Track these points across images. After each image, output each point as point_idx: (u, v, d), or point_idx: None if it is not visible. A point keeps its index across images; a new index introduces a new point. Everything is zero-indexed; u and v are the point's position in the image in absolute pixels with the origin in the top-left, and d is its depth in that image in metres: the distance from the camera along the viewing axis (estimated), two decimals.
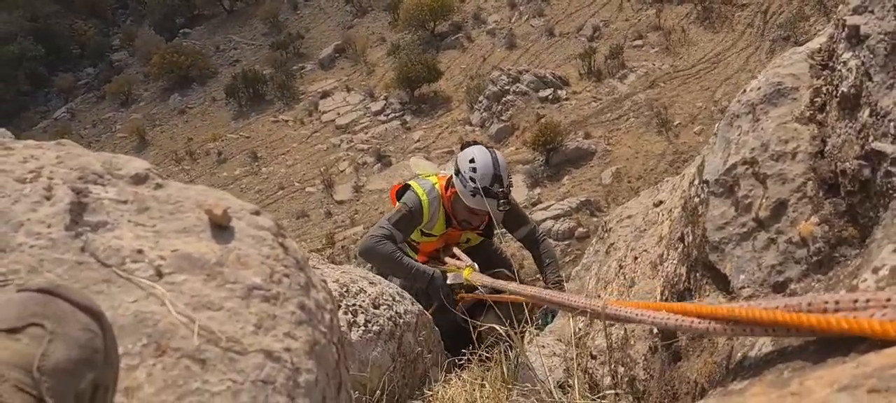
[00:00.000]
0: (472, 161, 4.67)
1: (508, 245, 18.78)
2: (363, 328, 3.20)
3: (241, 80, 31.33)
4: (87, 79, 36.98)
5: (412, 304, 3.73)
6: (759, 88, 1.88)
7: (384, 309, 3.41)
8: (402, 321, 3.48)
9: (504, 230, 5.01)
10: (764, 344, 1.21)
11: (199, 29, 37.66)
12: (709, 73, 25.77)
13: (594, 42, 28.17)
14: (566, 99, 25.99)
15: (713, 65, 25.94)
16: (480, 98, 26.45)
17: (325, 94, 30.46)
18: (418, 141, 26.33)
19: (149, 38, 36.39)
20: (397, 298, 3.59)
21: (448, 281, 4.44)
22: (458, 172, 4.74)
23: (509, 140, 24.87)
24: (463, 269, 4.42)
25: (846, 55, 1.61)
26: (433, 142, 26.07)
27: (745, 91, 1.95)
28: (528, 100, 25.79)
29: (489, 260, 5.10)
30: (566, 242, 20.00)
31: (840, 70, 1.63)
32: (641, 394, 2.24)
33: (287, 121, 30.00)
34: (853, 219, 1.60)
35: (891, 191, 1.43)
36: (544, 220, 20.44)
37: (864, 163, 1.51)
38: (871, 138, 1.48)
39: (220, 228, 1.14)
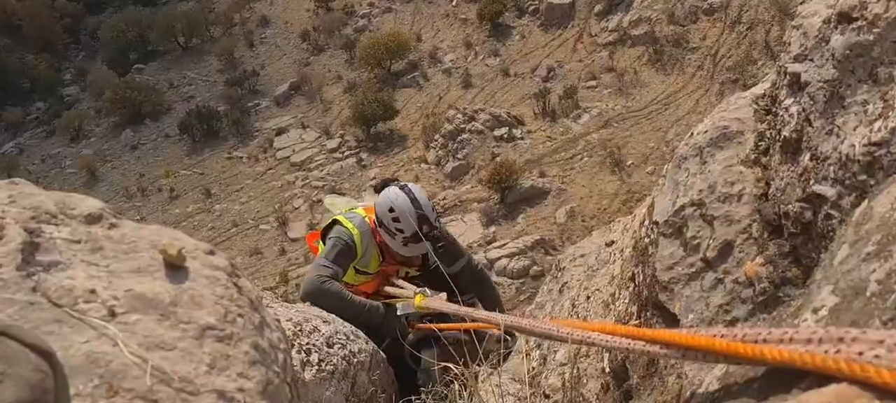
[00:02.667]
0: (391, 210, 4.39)
1: None
2: (316, 367, 3.16)
3: (195, 117, 31.00)
4: (36, 113, 36.24)
5: (366, 343, 3.69)
6: (706, 132, 1.93)
7: (338, 348, 3.37)
8: (355, 360, 3.44)
9: (436, 262, 4.69)
10: (710, 383, 1.24)
11: (154, 65, 37.24)
12: (660, 114, 26.30)
13: (549, 82, 28.59)
14: (521, 138, 26.27)
15: (665, 106, 26.48)
16: (436, 136, 26.60)
17: (280, 131, 30.29)
18: (374, 178, 26.27)
19: (101, 74, 35.86)
20: (351, 337, 3.56)
21: (399, 313, 4.21)
22: (381, 223, 4.48)
23: (465, 178, 24.99)
24: (413, 297, 4.18)
25: (788, 101, 1.66)
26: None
27: (692, 134, 2.00)
28: (484, 138, 26.00)
29: (440, 284, 4.82)
30: (520, 280, 20.09)
31: (782, 115, 1.68)
32: None
33: (241, 157, 29.74)
34: (796, 260, 1.64)
35: (831, 233, 1.48)
36: (499, 258, 20.52)
37: (805, 206, 1.55)
38: (812, 181, 1.53)
39: (175, 268, 1.14)
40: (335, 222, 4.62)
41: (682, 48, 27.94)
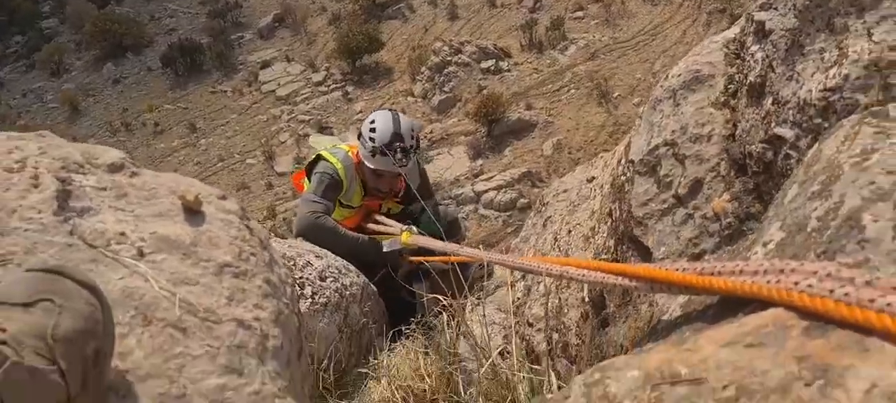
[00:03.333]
0: (372, 122, 4.64)
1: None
2: (310, 300, 3.30)
3: (178, 50, 30.58)
4: (15, 47, 35.68)
5: (357, 276, 3.84)
6: (679, 75, 2.04)
7: (330, 282, 3.52)
8: (347, 293, 3.59)
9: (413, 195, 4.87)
10: (674, 310, 1.37)
11: None
12: (647, 45, 26.21)
13: (535, 13, 28.35)
14: (508, 70, 26.14)
15: (652, 37, 26.38)
16: (422, 69, 26.42)
17: (264, 65, 29.99)
18: (360, 112, 26.20)
19: (81, 6, 35.20)
20: (343, 271, 3.70)
21: (385, 249, 4.37)
22: (360, 135, 4.70)
23: (451, 111, 24.95)
24: (399, 234, 4.36)
25: (754, 48, 1.77)
26: None
27: (667, 77, 2.10)
28: (470, 71, 25.86)
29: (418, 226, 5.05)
30: (508, 213, 20.25)
31: (749, 61, 1.79)
32: (574, 358, 2.41)
33: (226, 91, 29.48)
34: (759, 197, 1.77)
35: (789, 172, 1.60)
36: (487, 191, 20.64)
37: (767, 147, 1.67)
38: (773, 124, 1.65)
39: (193, 212, 1.25)
40: (319, 158, 4.76)
41: None
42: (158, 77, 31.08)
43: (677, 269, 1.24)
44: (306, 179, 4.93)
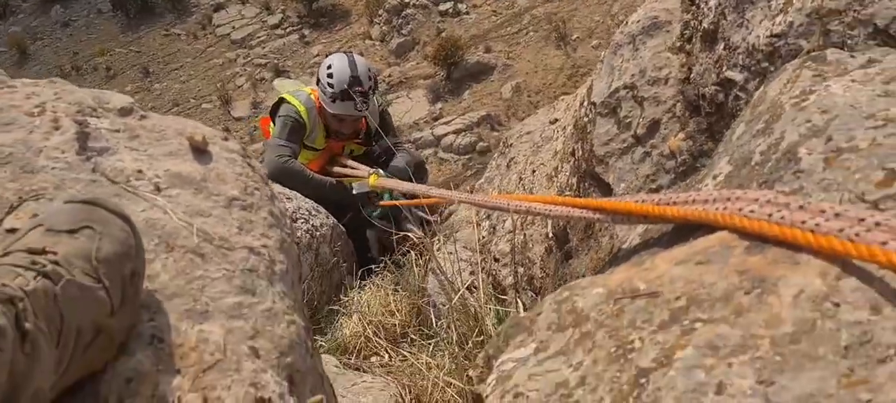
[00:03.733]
0: (329, 67, 4.70)
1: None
2: None
3: None
4: None
5: (327, 217, 3.95)
6: (638, 21, 2.16)
7: (301, 223, 3.62)
8: (318, 233, 3.70)
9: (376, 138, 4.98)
10: (634, 240, 1.51)
11: None
12: None
13: None
14: (466, 13, 26.00)
15: None
16: (380, 11, 26.14)
17: (218, 7, 29.36)
18: (317, 55, 25.87)
19: None
20: (313, 212, 3.80)
21: (354, 191, 4.48)
22: (318, 81, 4.77)
23: (410, 55, 24.81)
24: (367, 177, 4.45)
25: None
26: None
27: (627, 22, 2.22)
28: (429, 13, 25.67)
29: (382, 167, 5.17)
30: (467, 156, 20.34)
31: (703, 8, 1.92)
32: (539, 290, 2.56)
33: (179, 34, 28.86)
34: (712, 135, 1.91)
35: (738, 112, 1.74)
36: (446, 135, 20.68)
37: (719, 89, 1.81)
38: (724, 68, 1.79)
39: (200, 152, 1.35)
40: (282, 101, 4.83)
41: None
42: (109, 20, 30.29)
43: (636, 201, 1.37)
44: (272, 124, 4.99)
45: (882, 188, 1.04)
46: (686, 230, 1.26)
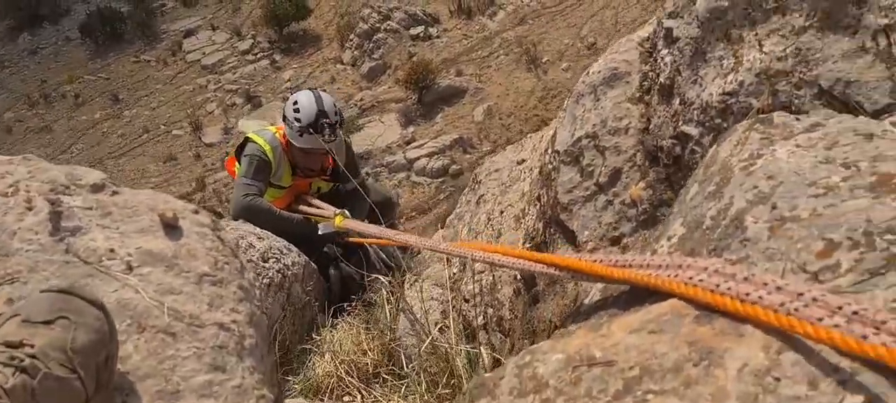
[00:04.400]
0: (295, 103, 4.76)
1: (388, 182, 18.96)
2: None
3: (97, 18, 29.60)
4: None
5: (299, 256, 3.96)
6: (599, 72, 2.22)
7: (273, 263, 3.64)
8: (290, 272, 3.71)
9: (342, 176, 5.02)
10: (595, 295, 1.56)
11: None
12: (575, 10, 26.54)
13: None
14: (437, 36, 26.19)
15: (579, 2, 26.71)
16: (351, 36, 26.25)
17: (188, 33, 29.29)
18: (289, 80, 25.94)
19: None
20: (285, 251, 3.82)
21: (320, 231, 4.48)
22: (285, 117, 4.81)
23: (381, 78, 24.91)
24: (333, 217, 4.43)
25: (664, 51, 1.96)
26: (304, 81, 25.74)
27: (588, 73, 2.29)
28: (400, 38, 25.82)
29: (350, 205, 5.21)
30: (440, 179, 20.43)
31: (660, 63, 1.99)
32: (507, 332, 2.61)
33: (149, 61, 28.73)
34: (671, 185, 1.98)
35: (694, 166, 1.81)
36: (419, 158, 20.77)
37: (675, 142, 1.88)
38: (680, 122, 1.85)
39: (171, 227, 1.38)
40: (247, 140, 4.87)
41: None
42: (77, 47, 30.06)
43: (595, 260, 1.42)
44: (237, 164, 5.01)
45: (821, 259, 1.10)
46: (642, 291, 1.31)
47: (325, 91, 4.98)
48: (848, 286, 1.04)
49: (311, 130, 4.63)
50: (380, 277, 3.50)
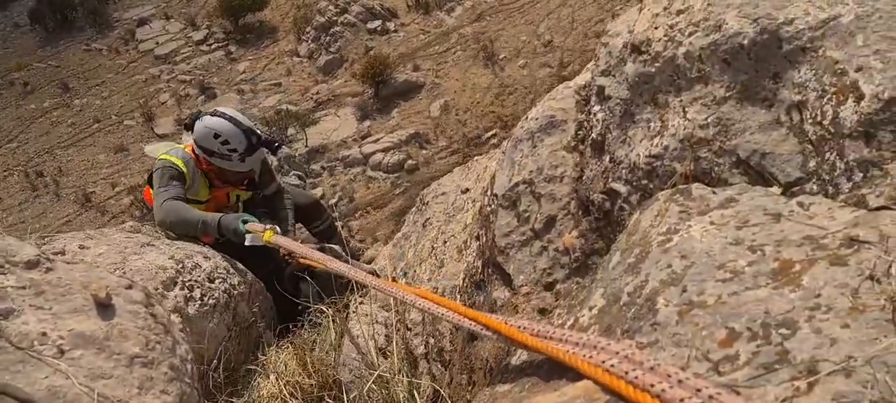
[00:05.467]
0: (217, 136, 4.61)
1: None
2: (199, 302, 3.42)
3: (47, 5, 28.92)
4: None
5: (245, 275, 3.97)
6: (537, 119, 2.28)
7: (219, 282, 3.64)
8: (236, 292, 3.72)
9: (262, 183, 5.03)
10: (522, 354, 1.62)
11: None
12: (533, 8, 26.71)
13: None
14: (395, 31, 26.17)
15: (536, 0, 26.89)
16: (308, 29, 26.08)
17: (141, 22, 28.82)
18: (244, 72, 25.69)
19: None
20: (231, 271, 3.81)
21: (247, 243, 4.35)
22: (211, 154, 4.67)
23: (338, 72, 24.81)
24: (263, 232, 4.22)
25: (596, 108, 2.03)
26: (260, 73, 25.54)
27: (527, 118, 2.35)
28: (357, 31, 25.75)
29: (274, 209, 5.22)
30: (396, 174, 20.43)
31: (592, 118, 2.05)
32: (447, 363, 2.66)
33: (101, 50, 28.19)
34: (602, 235, 2.05)
35: (623, 221, 1.88)
36: (374, 153, 20.74)
37: (605, 197, 1.94)
38: (610, 179, 1.92)
39: (104, 306, 1.40)
40: (157, 162, 4.77)
41: None
42: (27, 34, 29.35)
43: (519, 327, 1.48)
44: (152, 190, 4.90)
45: (723, 347, 1.17)
46: (562, 366, 1.37)
47: (224, 106, 4.92)
48: (744, 380, 1.11)
49: (250, 151, 4.60)
50: (324, 308, 3.53)
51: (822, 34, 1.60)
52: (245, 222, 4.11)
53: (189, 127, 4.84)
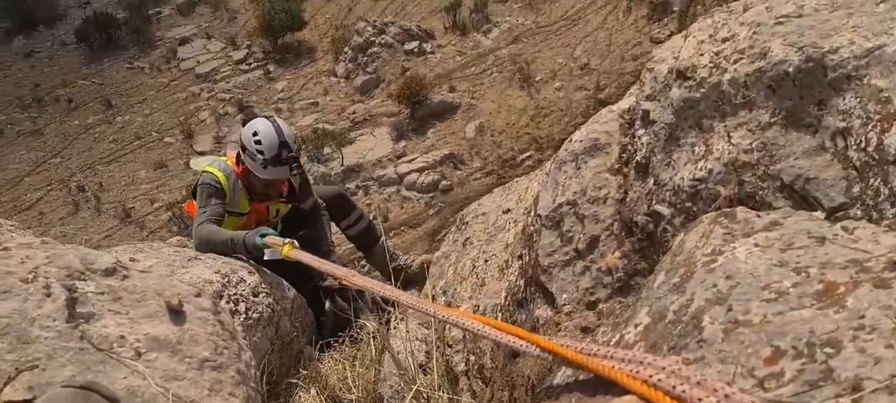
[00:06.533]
0: (255, 134, 4.73)
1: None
2: (244, 315, 3.51)
3: (93, 24, 29.66)
4: None
5: (289, 290, 4.05)
6: (581, 141, 2.33)
7: (263, 297, 3.73)
8: (279, 306, 3.80)
9: (301, 197, 5.10)
10: (566, 371, 1.66)
11: None
12: (569, 31, 26.76)
13: None
14: (431, 52, 26.37)
15: (573, 22, 26.94)
16: (345, 49, 26.40)
17: (183, 41, 29.41)
18: (282, 91, 26.07)
19: None
20: (275, 285, 3.91)
21: (266, 257, 4.35)
22: (244, 148, 4.80)
23: (375, 92, 25.05)
24: (282, 246, 4.10)
25: (640, 131, 2.07)
26: (297, 92, 25.89)
27: (571, 141, 2.40)
28: (394, 52, 25.99)
29: (311, 223, 5.32)
30: (430, 194, 20.52)
31: (637, 142, 2.10)
32: (488, 380, 2.71)
33: (143, 68, 28.81)
34: (644, 256, 2.08)
35: (666, 243, 1.92)
36: (409, 173, 20.87)
37: (649, 219, 1.98)
38: (654, 201, 1.96)
39: (176, 312, 1.48)
40: (201, 176, 4.89)
41: None
42: (72, 52, 30.11)
43: (563, 345, 1.53)
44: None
45: (768, 365, 1.20)
46: (607, 380, 1.41)
47: (279, 118, 4.97)
48: (789, 396, 1.14)
49: (276, 162, 4.67)
50: (366, 315, 3.59)
51: (866, 63, 1.63)
52: (263, 236, 4.15)
53: (244, 122, 5.00)
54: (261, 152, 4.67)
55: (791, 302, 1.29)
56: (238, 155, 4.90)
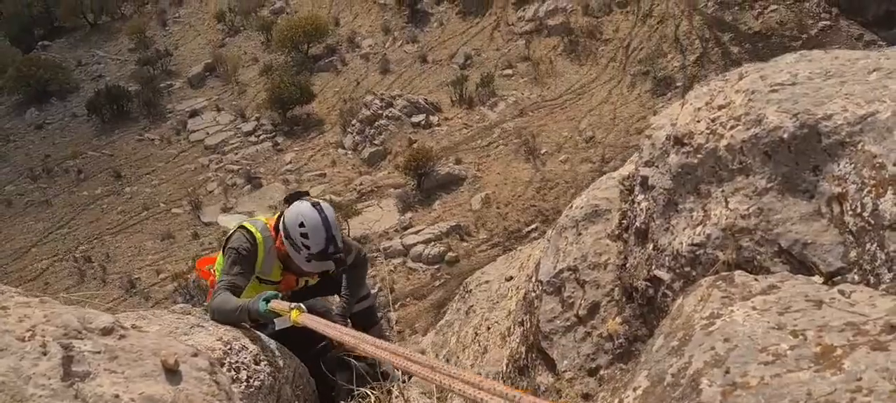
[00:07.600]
0: (301, 225, 4.36)
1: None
2: (245, 383, 3.46)
3: (105, 96, 30.10)
4: None
5: (291, 358, 4.02)
6: (581, 207, 2.35)
7: (264, 364, 3.69)
8: (281, 375, 3.76)
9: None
10: None
11: (60, 42, 35.92)
12: (574, 104, 27.06)
13: (466, 70, 28.99)
14: (438, 125, 26.65)
15: (578, 96, 27.26)
16: (353, 121, 26.72)
17: (193, 113, 29.80)
18: (290, 162, 26.29)
19: (4, 50, 34.36)
20: (277, 353, 3.87)
21: (277, 327, 4.21)
22: (287, 235, 4.42)
23: (381, 164, 25.24)
24: (290, 311, 3.81)
25: (640, 197, 2.10)
26: (305, 163, 26.11)
27: (571, 207, 2.42)
28: (401, 124, 26.29)
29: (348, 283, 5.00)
30: (436, 266, 20.50)
31: (636, 207, 2.12)
32: None
33: (153, 139, 29.14)
34: (645, 322, 2.08)
35: (666, 308, 1.92)
36: (415, 244, 20.89)
37: (649, 285, 1.99)
38: (653, 266, 1.97)
39: (172, 372, 1.48)
40: (237, 230, 4.61)
41: (596, 39, 28.73)
42: (83, 123, 30.51)
43: None
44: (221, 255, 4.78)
45: None
46: None
47: (325, 203, 4.71)
48: None
49: (321, 259, 4.44)
50: (369, 392, 3.54)
51: (860, 129, 1.66)
52: (267, 301, 4.01)
53: (288, 202, 4.69)
54: (307, 246, 4.39)
55: (788, 365, 1.29)
56: (277, 224, 4.60)
